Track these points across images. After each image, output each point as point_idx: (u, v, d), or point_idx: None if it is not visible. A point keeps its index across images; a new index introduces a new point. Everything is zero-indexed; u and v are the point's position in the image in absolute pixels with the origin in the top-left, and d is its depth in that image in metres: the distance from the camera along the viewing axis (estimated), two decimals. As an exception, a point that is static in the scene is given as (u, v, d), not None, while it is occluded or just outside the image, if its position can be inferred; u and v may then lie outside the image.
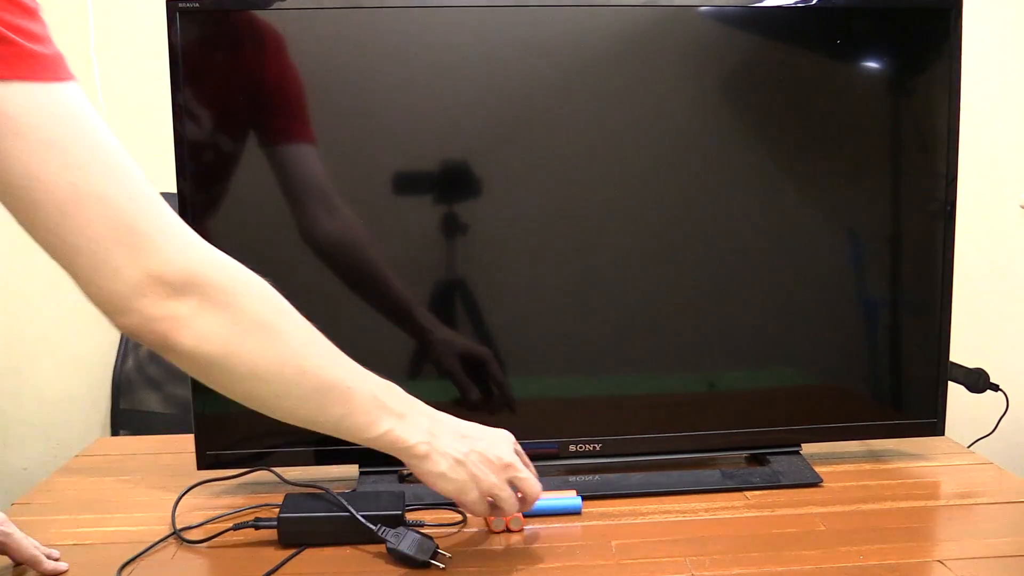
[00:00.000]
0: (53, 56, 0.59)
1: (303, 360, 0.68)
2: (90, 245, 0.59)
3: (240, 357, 0.65)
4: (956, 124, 1.00)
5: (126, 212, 0.60)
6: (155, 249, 0.60)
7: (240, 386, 0.67)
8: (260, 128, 0.93)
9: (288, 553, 0.83)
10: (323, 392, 0.69)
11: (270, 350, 0.66)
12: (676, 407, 1.03)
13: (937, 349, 1.03)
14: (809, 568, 0.79)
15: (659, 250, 1.00)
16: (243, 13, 0.91)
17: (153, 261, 0.60)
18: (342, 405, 0.70)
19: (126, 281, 0.60)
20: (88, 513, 0.93)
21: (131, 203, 0.60)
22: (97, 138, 0.60)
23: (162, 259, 0.61)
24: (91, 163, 0.59)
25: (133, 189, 0.61)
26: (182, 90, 0.90)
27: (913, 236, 1.03)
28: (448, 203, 0.95)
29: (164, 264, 0.61)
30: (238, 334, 0.64)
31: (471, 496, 0.77)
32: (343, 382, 0.70)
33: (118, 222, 0.59)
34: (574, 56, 0.95)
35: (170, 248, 0.61)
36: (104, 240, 0.59)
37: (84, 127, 0.59)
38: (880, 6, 0.98)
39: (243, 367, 0.65)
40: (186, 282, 0.62)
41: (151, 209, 0.61)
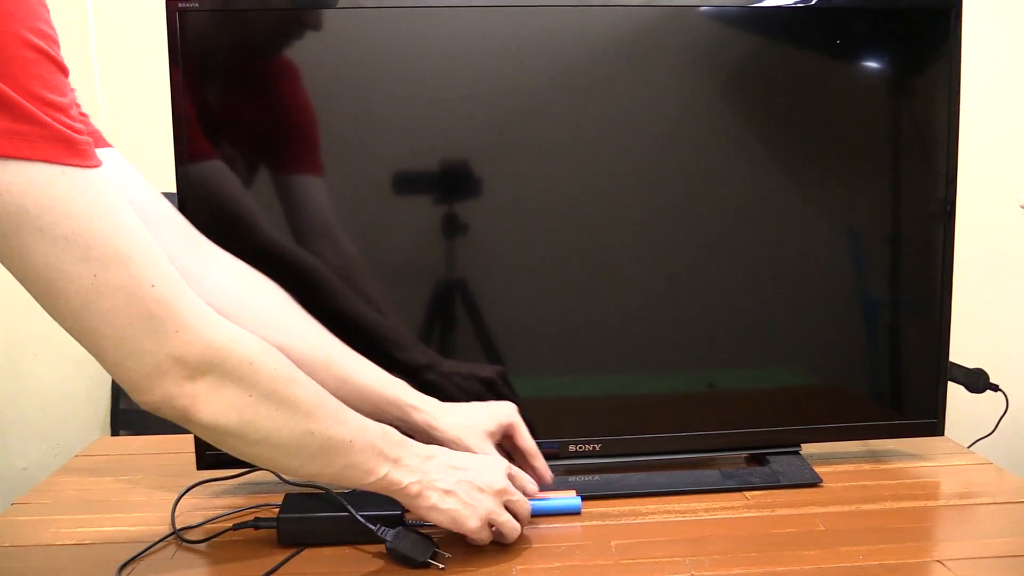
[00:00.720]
0: (79, 138, 0.59)
1: (311, 423, 0.71)
2: (114, 332, 0.61)
3: (254, 425, 0.69)
4: (956, 124, 1.00)
5: (147, 298, 0.61)
6: (175, 332, 0.63)
7: (253, 450, 0.71)
8: (263, 132, 0.93)
9: (288, 553, 0.83)
10: (328, 449, 0.73)
11: (280, 417, 0.70)
12: (676, 407, 1.03)
13: (937, 349, 1.03)
14: (809, 568, 0.79)
15: (659, 250, 1.00)
16: (243, 19, 0.91)
17: (174, 344, 0.63)
18: (344, 457, 0.74)
19: (149, 364, 0.63)
20: (88, 513, 0.93)
21: (152, 290, 0.62)
22: (118, 226, 0.61)
23: (182, 341, 0.63)
24: (112, 254, 0.60)
25: (154, 274, 0.62)
26: (182, 90, 0.90)
27: (913, 236, 1.03)
28: (448, 203, 0.95)
29: (184, 347, 0.63)
30: (252, 405, 0.68)
31: (469, 524, 0.79)
32: (345, 437, 0.74)
33: (140, 308, 0.61)
34: (574, 56, 0.95)
35: (190, 330, 0.64)
36: (127, 327, 0.61)
37: (105, 217, 0.60)
38: (880, 6, 0.98)
39: (257, 434, 0.69)
40: (205, 362, 0.65)
41: (171, 292, 0.63)
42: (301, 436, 0.71)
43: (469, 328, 0.97)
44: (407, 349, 0.96)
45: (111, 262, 0.60)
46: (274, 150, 0.94)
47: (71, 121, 0.59)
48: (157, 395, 0.64)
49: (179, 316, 0.63)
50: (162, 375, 0.63)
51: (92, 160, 0.60)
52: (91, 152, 0.60)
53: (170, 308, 0.63)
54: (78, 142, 0.59)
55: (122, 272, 0.60)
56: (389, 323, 0.96)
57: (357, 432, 0.75)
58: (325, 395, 0.74)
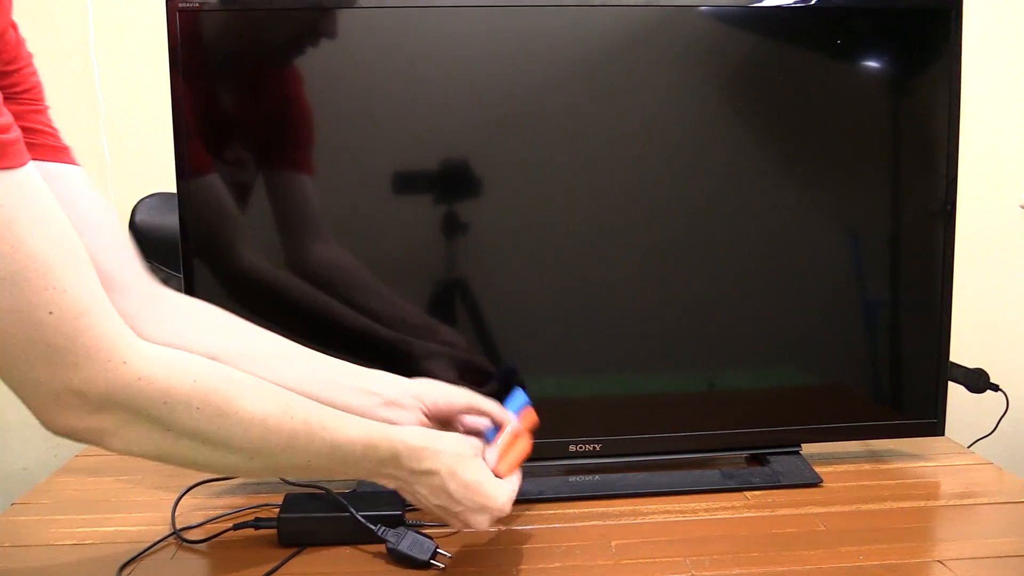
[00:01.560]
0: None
1: (249, 456, 0.67)
2: (6, 356, 0.56)
3: (178, 455, 0.65)
4: (956, 124, 1.00)
5: (43, 326, 0.55)
6: (73, 365, 0.57)
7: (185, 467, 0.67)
8: (262, 133, 0.93)
9: (288, 553, 0.83)
10: (277, 470, 0.71)
11: (206, 450, 0.65)
12: (676, 407, 1.03)
13: (937, 349, 1.03)
14: (809, 568, 0.79)
15: (658, 250, 1.00)
16: (243, 19, 0.91)
17: (72, 377, 0.57)
18: (302, 473, 0.71)
19: (46, 393, 0.58)
20: (88, 513, 0.93)
21: (49, 317, 0.55)
22: (19, 243, 0.54)
23: (81, 376, 0.57)
24: (4, 275, 0.54)
25: (55, 300, 0.56)
26: (182, 91, 0.90)
27: (913, 236, 1.03)
28: (448, 203, 0.95)
29: (84, 382, 0.58)
30: (170, 440, 0.63)
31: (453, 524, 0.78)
32: (301, 462, 0.70)
33: (35, 337, 0.56)
34: (574, 56, 0.95)
35: (92, 364, 0.58)
36: (19, 354, 0.56)
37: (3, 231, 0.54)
38: (880, 6, 0.98)
39: (183, 462, 0.66)
40: (108, 400, 0.59)
41: (75, 320, 0.57)
42: (238, 464, 0.67)
43: (469, 328, 0.97)
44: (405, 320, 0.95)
45: (2, 283, 0.54)
46: (274, 150, 0.94)
47: None
48: (59, 424, 0.59)
49: (80, 349, 0.57)
50: (63, 407, 0.58)
51: (7, 160, 0.54)
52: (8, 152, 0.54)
53: (70, 340, 0.56)
54: None
55: (15, 294, 0.54)
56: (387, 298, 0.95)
57: (322, 454, 0.70)
58: (279, 423, 0.67)
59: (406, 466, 0.73)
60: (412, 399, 0.82)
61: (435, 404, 0.82)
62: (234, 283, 0.93)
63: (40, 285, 0.55)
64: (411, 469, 0.74)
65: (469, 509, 0.76)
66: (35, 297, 0.55)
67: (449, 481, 0.74)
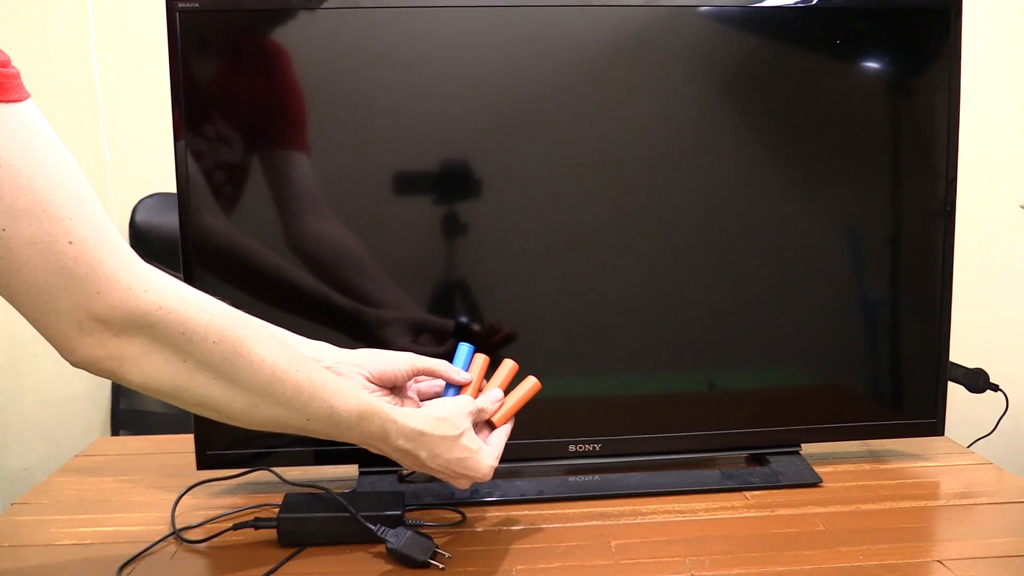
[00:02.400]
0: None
1: (256, 398, 0.68)
2: (28, 288, 0.57)
3: (189, 392, 0.65)
4: (956, 124, 1.00)
5: (64, 255, 0.57)
6: (96, 293, 0.58)
7: (191, 409, 0.68)
8: (258, 132, 0.93)
9: (288, 553, 0.83)
10: (277, 424, 0.71)
11: (218, 388, 0.66)
12: (676, 407, 1.03)
13: (937, 349, 1.03)
14: (809, 568, 0.79)
15: (658, 250, 1.00)
16: (243, 20, 0.91)
17: (95, 305, 0.59)
18: (298, 430, 0.72)
19: (69, 322, 0.59)
20: (88, 513, 0.94)
21: (70, 246, 0.57)
22: (34, 174, 0.55)
23: (104, 303, 0.59)
24: (25, 206, 0.55)
25: (74, 229, 0.57)
26: (182, 90, 0.90)
27: (913, 236, 1.03)
28: (448, 203, 0.95)
29: (106, 309, 0.59)
30: (185, 372, 0.64)
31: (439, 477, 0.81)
32: (299, 419, 0.71)
33: (55, 265, 0.57)
34: (574, 56, 0.95)
35: (114, 291, 0.59)
36: (42, 284, 0.57)
37: (18, 162, 0.55)
38: (880, 6, 0.98)
39: (193, 400, 0.66)
40: (131, 325, 0.60)
41: (93, 250, 0.58)
42: (243, 408, 0.68)
43: (457, 323, 0.96)
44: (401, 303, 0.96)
45: (22, 215, 0.55)
46: (273, 147, 0.94)
47: None
48: (80, 354, 0.60)
49: (101, 276, 0.58)
50: (85, 334, 0.59)
51: (7, 94, 0.54)
52: (12, 86, 0.55)
53: (91, 268, 0.58)
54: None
55: (35, 226, 0.55)
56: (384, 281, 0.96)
57: (321, 416, 0.72)
58: (286, 374, 0.69)
59: (392, 443, 0.77)
60: (353, 367, 0.83)
61: (379, 370, 0.83)
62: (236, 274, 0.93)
63: (58, 216, 0.56)
64: (396, 447, 0.77)
65: (451, 477, 0.81)
66: (54, 228, 0.56)
67: (431, 461, 0.79)
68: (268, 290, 0.94)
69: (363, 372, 0.83)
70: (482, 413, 0.84)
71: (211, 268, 0.93)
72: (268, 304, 0.92)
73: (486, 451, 0.82)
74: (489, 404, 0.84)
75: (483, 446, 0.82)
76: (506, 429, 0.86)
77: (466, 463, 0.80)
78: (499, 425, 0.85)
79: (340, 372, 0.82)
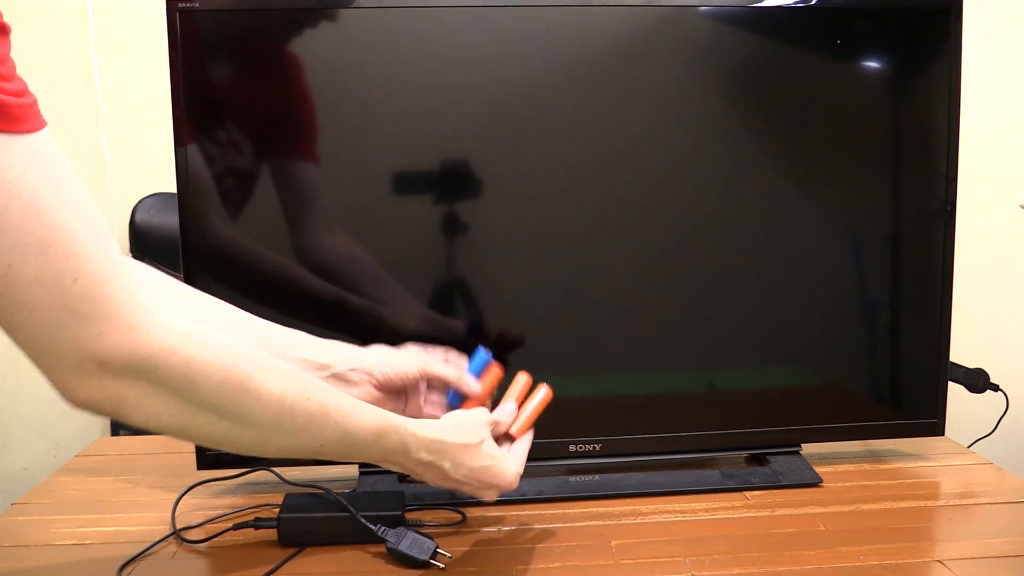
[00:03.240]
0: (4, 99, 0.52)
1: (267, 434, 0.67)
2: (29, 325, 0.55)
3: (195, 430, 0.64)
4: (956, 124, 1.00)
5: (67, 294, 0.55)
6: (97, 334, 0.56)
7: (199, 444, 0.68)
8: (258, 131, 0.93)
9: (288, 553, 0.83)
10: (291, 452, 0.69)
11: (224, 426, 0.65)
12: (676, 407, 1.03)
13: (937, 349, 1.03)
14: (809, 568, 0.79)
15: (658, 250, 1.00)
16: (243, 20, 0.91)
17: (96, 346, 0.57)
18: (314, 455, 0.71)
19: (69, 363, 0.57)
20: (88, 513, 0.93)
21: (74, 285, 0.55)
22: (43, 210, 0.54)
23: (105, 345, 0.57)
24: (33, 242, 0.53)
25: (79, 267, 0.55)
26: (182, 90, 0.90)
27: (913, 236, 1.03)
28: (448, 203, 0.95)
29: (107, 351, 0.57)
30: (190, 412, 0.63)
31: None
32: (314, 444, 0.70)
33: (58, 305, 0.55)
34: (574, 56, 0.95)
35: (116, 332, 0.57)
36: (44, 323, 0.55)
37: (26, 198, 0.53)
38: (880, 6, 0.98)
39: (199, 437, 0.66)
40: (131, 368, 0.58)
41: (100, 287, 0.56)
42: (253, 441, 0.67)
43: (469, 328, 0.96)
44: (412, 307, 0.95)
45: (29, 250, 0.53)
46: (274, 149, 0.94)
47: (2, 81, 0.52)
48: (80, 396, 0.58)
49: (104, 316, 0.56)
50: (86, 376, 0.57)
51: (22, 125, 0.53)
52: (22, 114, 0.53)
53: (95, 306, 0.56)
54: (3, 104, 0.52)
55: (40, 263, 0.54)
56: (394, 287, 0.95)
57: (335, 440, 0.70)
58: (295, 404, 0.67)
59: (413, 457, 0.75)
60: (361, 374, 0.82)
61: (385, 376, 0.82)
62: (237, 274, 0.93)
63: (64, 253, 0.55)
64: (418, 460, 0.75)
65: (478, 488, 0.79)
66: (60, 264, 0.54)
67: (455, 471, 0.77)
68: (269, 290, 0.94)
69: (372, 380, 0.82)
70: (498, 426, 0.82)
71: (211, 269, 0.92)
72: (270, 305, 0.92)
73: (509, 459, 0.81)
74: (505, 416, 0.83)
75: (505, 454, 0.81)
76: (527, 439, 0.85)
77: (491, 471, 0.78)
78: (518, 436, 0.84)
79: (349, 378, 0.81)
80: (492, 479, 0.79)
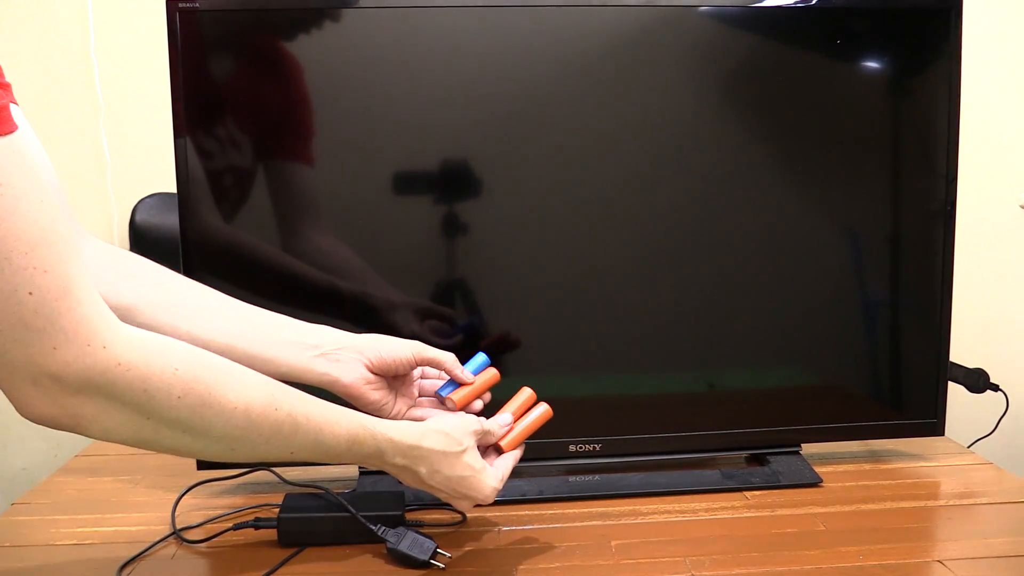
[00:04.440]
0: None
1: (231, 444, 0.66)
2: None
3: (157, 443, 0.64)
4: (956, 124, 1.00)
5: (22, 306, 0.54)
6: (52, 348, 0.55)
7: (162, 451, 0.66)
8: (258, 131, 0.93)
9: (288, 553, 0.83)
10: (260, 457, 0.69)
11: (187, 439, 0.64)
12: (676, 407, 1.03)
13: (937, 349, 1.03)
14: (809, 568, 0.79)
15: (658, 250, 1.00)
16: (243, 20, 0.91)
17: (49, 361, 0.55)
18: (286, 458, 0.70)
19: (23, 377, 0.56)
20: (88, 513, 0.93)
21: (29, 297, 0.54)
22: (2, 220, 0.52)
23: (59, 360, 0.55)
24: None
25: (36, 280, 0.54)
26: (182, 90, 0.90)
27: (913, 236, 1.03)
28: (448, 203, 0.95)
29: (61, 366, 0.56)
30: (150, 427, 0.62)
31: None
32: (284, 451, 0.69)
33: (13, 317, 0.54)
34: (574, 56, 0.95)
35: (70, 347, 0.56)
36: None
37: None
38: (880, 6, 0.98)
39: (163, 449, 0.65)
40: (87, 384, 0.57)
41: (56, 301, 0.55)
42: (219, 452, 0.66)
43: (467, 328, 0.96)
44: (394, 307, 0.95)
45: None
46: (274, 148, 0.94)
47: None
48: (36, 411, 0.57)
49: (59, 331, 0.55)
50: (41, 391, 0.56)
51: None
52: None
53: (49, 321, 0.54)
54: None
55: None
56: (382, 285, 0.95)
57: (305, 448, 0.70)
58: (262, 416, 0.66)
59: (389, 461, 0.75)
60: (353, 353, 0.80)
61: (380, 358, 0.80)
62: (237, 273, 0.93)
63: (21, 264, 0.53)
64: (393, 464, 0.75)
65: (452, 497, 0.78)
66: (15, 277, 0.53)
67: (430, 478, 0.76)
68: (269, 287, 0.94)
69: (363, 360, 0.80)
70: (488, 436, 0.80)
71: (211, 268, 0.92)
72: (269, 301, 0.92)
73: (490, 472, 0.79)
74: (497, 428, 0.81)
75: (487, 467, 0.79)
76: (514, 455, 0.82)
77: (467, 482, 0.77)
78: (507, 450, 0.82)
79: (339, 359, 0.79)
80: (468, 491, 0.77)
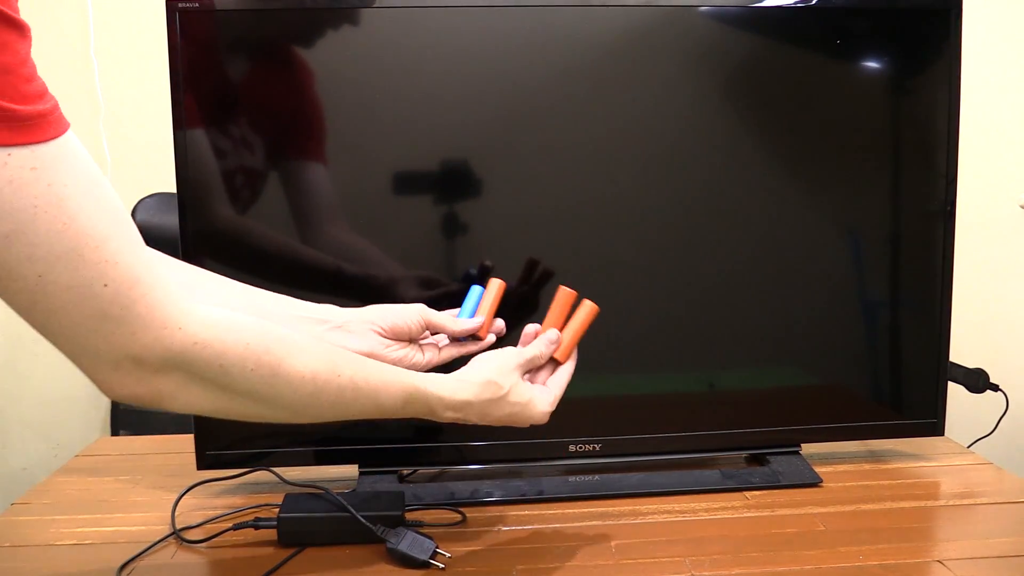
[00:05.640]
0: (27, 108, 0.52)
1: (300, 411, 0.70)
2: (64, 330, 0.57)
3: (233, 412, 0.67)
4: (956, 124, 1.00)
5: (99, 298, 0.56)
6: (131, 334, 0.58)
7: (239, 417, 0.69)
8: (258, 131, 0.93)
9: (288, 553, 0.83)
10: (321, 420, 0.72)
11: (260, 407, 0.68)
12: (676, 407, 1.03)
13: (937, 349, 1.03)
14: (809, 568, 0.79)
15: (658, 250, 1.00)
16: (243, 19, 0.91)
17: (130, 346, 0.58)
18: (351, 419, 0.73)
19: (106, 363, 0.59)
20: (88, 513, 0.94)
21: (104, 289, 0.56)
22: (70, 219, 0.54)
23: (139, 344, 0.59)
24: (60, 253, 0.54)
25: (108, 272, 0.56)
26: (182, 90, 0.90)
27: (913, 236, 1.03)
28: (448, 203, 0.95)
29: (142, 349, 0.59)
30: (225, 398, 0.65)
31: None
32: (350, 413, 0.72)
33: (91, 309, 0.56)
34: (574, 56, 0.95)
35: (148, 332, 0.59)
36: (77, 326, 0.57)
37: (53, 210, 0.53)
38: (880, 6, 0.98)
39: (238, 417, 0.68)
40: (166, 363, 0.60)
41: (130, 290, 0.57)
42: (288, 417, 0.70)
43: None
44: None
45: (58, 260, 0.54)
46: (275, 148, 0.94)
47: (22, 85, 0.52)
48: (120, 392, 0.61)
49: (136, 317, 0.58)
50: (124, 374, 0.60)
51: (46, 133, 0.53)
52: (48, 122, 0.53)
53: (125, 309, 0.57)
54: (24, 115, 0.51)
55: (70, 271, 0.55)
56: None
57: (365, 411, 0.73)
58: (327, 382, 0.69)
59: (440, 415, 0.77)
60: (364, 324, 0.82)
61: (393, 325, 0.82)
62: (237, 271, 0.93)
63: (93, 259, 0.55)
64: (444, 417, 0.77)
65: (509, 427, 0.81)
66: (89, 271, 0.55)
67: (482, 420, 0.79)
68: (269, 286, 0.94)
69: (375, 328, 0.82)
70: (535, 360, 0.82)
71: (211, 268, 0.92)
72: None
73: (539, 398, 0.81)
74: (544, 347, 0.83)
75: (534, 395, 0.81)
76: (569, 367, 0.84)
77: (516, 416, 0.80)
78: (564, 361, 0.84)
79: (351, 330, 0.81)
80: (518, 421, 0.81)
